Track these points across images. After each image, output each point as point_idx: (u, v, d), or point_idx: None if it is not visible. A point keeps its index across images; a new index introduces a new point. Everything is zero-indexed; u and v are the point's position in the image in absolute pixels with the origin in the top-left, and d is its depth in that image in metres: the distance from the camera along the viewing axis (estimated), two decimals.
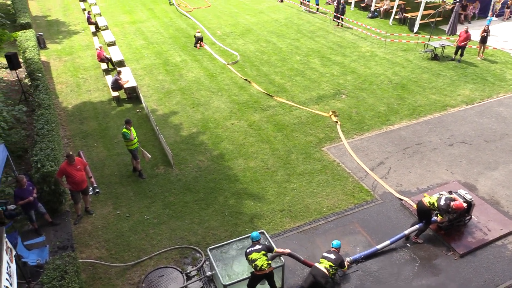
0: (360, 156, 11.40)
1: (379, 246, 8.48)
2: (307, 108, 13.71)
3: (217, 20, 24.30)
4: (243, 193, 10.26)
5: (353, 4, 24.54)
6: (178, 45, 20.53)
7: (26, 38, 18.76)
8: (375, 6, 23.17)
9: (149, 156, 11.06)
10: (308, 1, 25.05)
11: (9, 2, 29.81)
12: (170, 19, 24.82)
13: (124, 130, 10.46)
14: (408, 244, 8.69)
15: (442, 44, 17.18)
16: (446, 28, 19.58)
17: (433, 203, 8.36)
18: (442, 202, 8.31)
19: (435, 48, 17.21)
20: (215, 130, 12.96)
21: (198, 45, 19.95)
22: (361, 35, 20.23)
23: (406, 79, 15.66)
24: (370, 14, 22.78)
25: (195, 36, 20.32)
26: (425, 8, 21.10)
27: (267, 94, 14.90)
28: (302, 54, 18.65)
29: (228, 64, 17.67)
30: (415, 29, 19.89)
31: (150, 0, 29.60)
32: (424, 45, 18.20)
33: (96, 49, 18.48)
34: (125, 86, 15.25)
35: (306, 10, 24.97)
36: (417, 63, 16.89)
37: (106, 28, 23.00)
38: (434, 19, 19.77)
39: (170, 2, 27.85)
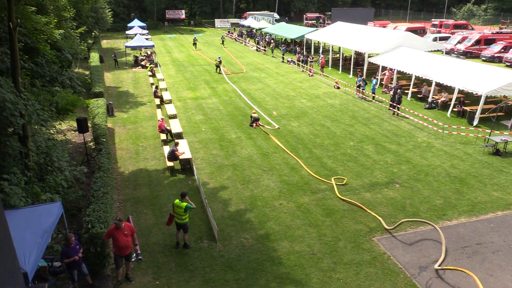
0: (413, 251, 11.05)
1: None
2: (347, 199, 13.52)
3: (274, 101, 26.20)
4: (286, 278, 10.09)
5: (409, 94, 25.26)
6: (234, 123, 22.24)
7: (97, 105, 21.71)
8: (433, 98, 23.46)
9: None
10: (364, 89, 26.33)
11: (87, 73, 35.19)
12: (230, 98, 27.34)
13: (185, 203, 10.89)
14: None
15: (505, 140, 17.01)
16: (508, 123, 19.62)
17: None
18: None
19: (496, 143, 17.03)
20: (262, 209, 13.23)
21: (254, 124, 21.54)
22: (417, 125, 20.47)
23: (465, 173, 15.38)
24: (427, 105, 23.02)
25: (251, 116, 22.08)
26: (486, 102, 21.26)
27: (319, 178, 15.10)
28: (356, 140, 19.06)
29: (268, 127, 18.81)
30: (475, 122, 19.89)
31: (213, 79, 33.19)
32: (485, 139, 18.02)
33: (158, 120, 20.72)
34: (180, 157, 16.55)
35: (361, 98, 26.11)
36: (477, 157, 16.68)
37: (170, 102, 25.89)
38: (495, 114, 19.77)
39: (217, 70, 32.27)
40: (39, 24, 13.94)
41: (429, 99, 23.32)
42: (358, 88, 26.51)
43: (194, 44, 49.78)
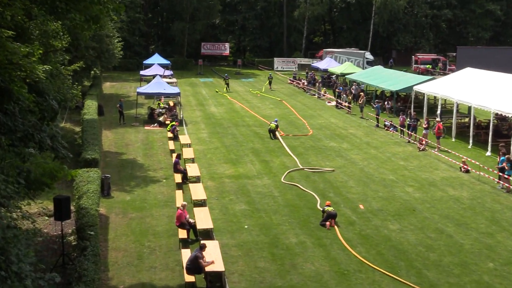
0: None
1: None
2: None
3: (362, 188, 26.22)
4: None
5: None
6: (296, 219, 22.29)
7: (88, 179, 22.76)
8: None
9: None
10: (510, 175, 25.82)
11: (78, 129, 37.63)
12: (291, 179, 27.64)
13: None
14: None
15: None
16: None
17: None
18: None
19: None
20: None
21: (327, 223, 21.37)
22: None
23: None
24: None
25: (324, 210, 21.98)
26: None
27: None
28: (499, 260, 18.69)
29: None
30: None
31: (265, 148, 34.04)
32: None
33: (178, 208, 21.16)
34: (207, 269, 16.67)
35: (506, 189, 25.57)
36: None
37: (198, 180, 26.59)
38: None
39: (270, 136, 35.80)
40: (16, 56, 14.26)
41: None
42: (500, 174, 26.19)
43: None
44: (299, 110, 47.05)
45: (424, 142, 33.87)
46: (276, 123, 36.89)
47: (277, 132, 36.53)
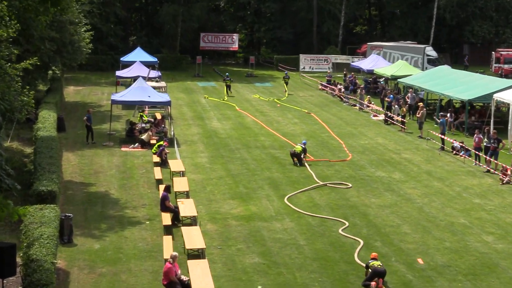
0: None
1: None
2: None
3: (422, 235, 26.02)
4: None
5: None
6: (329, 277, 22.02)
7: (41, 220, 22.49)
8: None
9: None
10: None
11: (29, 151, 37.66)
12: (322, 224, 27.46)
13: None
14: None
15: None
16: None
17: None
18: None
19: None
20: None
21: (373, 283, 21.06)
22: None
23: None
24: None
25: (368, 266, 21.66)
26: None
27: None
28: None
29: None
30: None
31: (287, 179, 33.84)
32: None
33: (166, 261, 20.94)
34: None
35: None
36: None
37: (194, 222, 26.31)
38: None
39: (295, 162, 36.18)
40: None
41: None
42: None
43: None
44: (334, 127, 46.99)
45: (509, 172, 33.58)
46: (303, 146, 36.74)
47: (303, 157, 36.36)
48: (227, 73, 65.54)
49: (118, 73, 59.22)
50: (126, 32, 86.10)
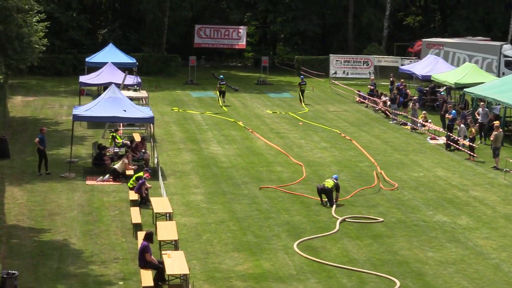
0: None
1: None
2: None
3: None
4: None
5: None
6: None
7: None
8: None
9: None
10: None
11: None
12: (361, 286, 27.46)
13: None
14: None
15: None
16: None
17: None
18: None
19: None
20: None
21: None
22: None
23: None
24: None
25: None
26: None
27: None
28: None
29: None
30: None
31: (312, 225, 33.80)
32: None
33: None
34: None
35: None
36: None
37: (183, 282, 26.15)
38: None
39: (323, 202, 36.76)
40: None
41: None
42: None
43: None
44: (377, 153, 47.17)
45: None
46: (335, 180, 36.58)
47: (334, 195, 36.18)
48: (221, 76, 65.66)
49: (82, 78, 59.17)
50: (93, 24, 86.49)
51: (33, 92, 67.57)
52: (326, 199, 36.17)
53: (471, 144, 46.78)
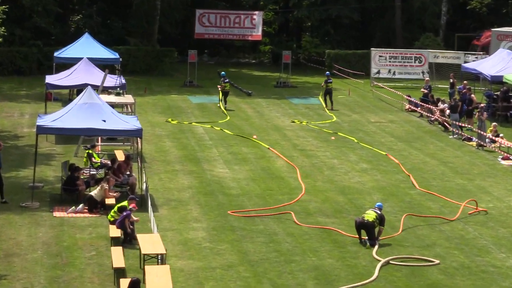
0: None
1: None
2: None
3: None
4: None
5: None
6: None
7: None
8: None
9: None
10: None
11: None
12: None
13: None
14: None
15: None
16: None
17: None
18: None
19: None
20: None
21: None
22: None
23: None
24: None
25: None
26: None
27: None
28: None
29: None
30: None
31: (348, 270, 33.81)
32: None
33: None
34: None
35: None
36: None
37: None
38: None
39: (361, 241, 36.64)
40: None
41: None
42: None
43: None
44: (433, 177, 47.24)
45: None
46: (379, 211, 36.51)
47: (377, 230, 36.15)
48: (223, 72, 66.07)
49: (49, 79, 59.58)
50: (64, 8, 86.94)
51: None
52: (366, 237, 36.11)
53: None
